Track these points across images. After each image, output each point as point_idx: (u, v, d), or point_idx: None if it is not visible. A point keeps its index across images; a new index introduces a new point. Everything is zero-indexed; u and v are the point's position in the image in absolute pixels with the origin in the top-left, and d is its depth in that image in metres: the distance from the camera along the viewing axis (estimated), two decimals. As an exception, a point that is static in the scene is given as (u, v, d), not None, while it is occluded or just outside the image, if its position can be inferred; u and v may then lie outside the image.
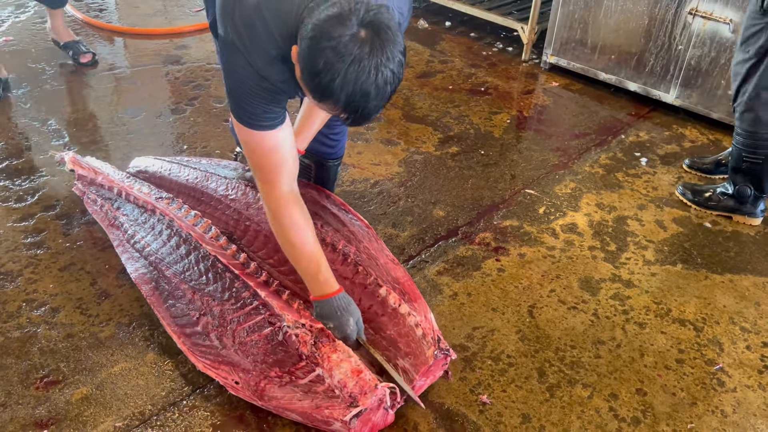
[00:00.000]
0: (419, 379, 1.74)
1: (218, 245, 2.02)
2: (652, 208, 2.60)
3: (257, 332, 1.78)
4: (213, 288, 1.91)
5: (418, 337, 1.78)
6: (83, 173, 2.39)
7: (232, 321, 1.82)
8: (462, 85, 3.50)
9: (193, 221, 2.12)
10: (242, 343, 1.78)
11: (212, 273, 1.95)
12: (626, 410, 1.79)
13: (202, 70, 3.47)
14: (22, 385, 1.77)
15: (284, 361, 1.72)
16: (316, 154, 2.24)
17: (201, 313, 1.87)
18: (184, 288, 1.94)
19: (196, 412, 1.72)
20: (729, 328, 2.07)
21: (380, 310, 1.87)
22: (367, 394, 1.61)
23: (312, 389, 1.66)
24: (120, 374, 1.82)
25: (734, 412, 1.80)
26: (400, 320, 1.83)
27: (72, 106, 3.10)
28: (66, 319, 1.98)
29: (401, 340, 1.80)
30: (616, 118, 3.25)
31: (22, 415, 1.69)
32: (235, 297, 1.87)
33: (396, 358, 1.78)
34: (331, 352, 1.69)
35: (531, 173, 2.79)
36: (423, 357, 1.75)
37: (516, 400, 1.80)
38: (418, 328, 1.79)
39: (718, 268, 2.31)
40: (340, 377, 1.64)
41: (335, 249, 2.01)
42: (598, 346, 1.98)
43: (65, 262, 2.19)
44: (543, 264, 2.29)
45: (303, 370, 1.70)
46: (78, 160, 2.45)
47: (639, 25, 3.20)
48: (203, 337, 1.83)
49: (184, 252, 2.03)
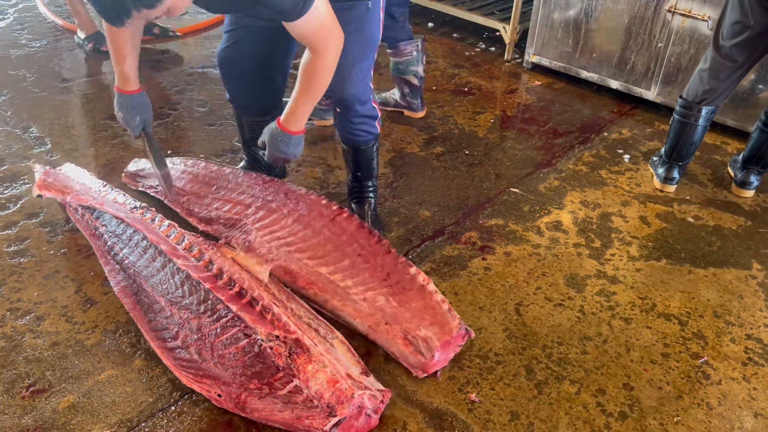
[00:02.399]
0: (442, 349, 1.85)
1: (191, 256, 1.99)
2: (635, 204, 2.63)
3: (234, 345, 1.76)
4: (189, 301, 1.88)
5: (444, 310, 1.93)
6: (51, 196, 2.35)
7: (210, 334, 1.80)
8: (446, 85, 3.51)
9: (166, 232, 2.09)
10: (221, 356, 1.76)
11: (187, 286, 1.91)
12: (613, 405, 1.81)
13: (184, 75, 3.46)
14: (8, 394, 1.75)
15: (262, 373, 1.70)
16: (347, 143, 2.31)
17: (179, 326, 1.85)
18: (162, 301, 1.91)
19: (184, 418, 1.72)
20: (713, 321, 2.10)
21: (408, 285, 2.01)
22: (344, 403, 1.61)
23: (291, 400, 1.65)
24: (107, 381, 1.81)
25: (719, 404, 1.82)
26: (427, 295, 1.98)
27: (54, 112, 3.07)
28: (51, 327, 1.96)
29: (427, 312, 1.94)
30: (598, 116, 3.28)
31: (9, 425, 1.67)
32: (210, 310, 1.84)
33: (419, 327, 1.89)
34: (306, 363, 1.67)
35: (515, 172, 2.80)
36: (447, 327, 1.88)
37: (504, 397, 1.81)
38: (444, 303, 1.95)
39: (702, 263, 2.33)
40: (316, 388, 1.63)
41: (371, 232, 2.16)
42: (584, 342, 2.00)
43: (49, 270, 2.17)
44: (529, 262, 2.30)
45: (281, 381, 1.68)
46: (45, 181, 2.38)
47: (619, 24, 3.23)
48: (183, 350, 1.81)
49: (160, 265, 1.99)
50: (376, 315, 1.95)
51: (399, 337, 1.89)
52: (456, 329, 1.88)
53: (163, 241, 2.01)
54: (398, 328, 1.90)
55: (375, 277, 2.03)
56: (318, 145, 2.91)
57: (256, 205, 2.26)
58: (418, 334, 1.87)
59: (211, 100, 3.24)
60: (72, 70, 3.47)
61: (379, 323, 1.93)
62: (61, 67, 3.49)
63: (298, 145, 2.00)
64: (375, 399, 1.68)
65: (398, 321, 1.92)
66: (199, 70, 3.51)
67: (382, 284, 2.02)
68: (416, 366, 1.85)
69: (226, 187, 2.40)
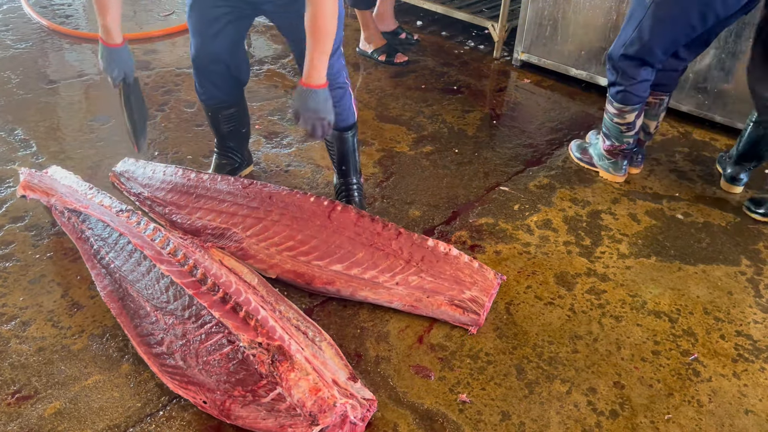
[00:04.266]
0: (489, 301, 2.02)
1: (175, 261, 1.97)
2: (625, 201, 2.63)
3: (218, 351, 1.74)
4: (174, 306, 1.86)
5: (476, 268, 2.08)
6: (35, 197, 2.32)
7: (194, 340, 1.78)
8: (435, 84, 3.50)
9: (151, 235, 2.07)
10: (205, 362, 1.74)
11: (172, 291, 1.90)
12: (604, 404, 1.80)
13: (172, 75, 3.43)
14: (-7, 401, 1.73)
15: (246, 380, 1.69)
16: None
17: (165, 332, 1.83)
18: (148, 307, 1.90)
19: (173, 423, 1.70)
20: (703, 318, 2.10)
21: (434, 257, 2.12)
22: (326, 412, 1.59)
23: (275, 407, 1.64)
24: (94, 387, 1.79)
25: (710, 401, 1.82)
26: (454, 261, 2.11)
27: (39, 114, 3.04)
28: (37, 332, 1.94)
29: (462, 274, 2.07)
30: (587, 113, 3.28)
31: (-6, 433, 1.65)
32: (195, 315, 1.82)
33: (463, 291, 2.01)
34: (288, 371, 1.66)
35: (505, 170, 2.80)
36: (487, 281, 2.06)
37: (495, 397, 1.81)
38: (473, 261, 2.10)
39: (691, 259, 2.34)
40: (298, 396, 1.62)
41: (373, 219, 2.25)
42: (575, 340, 1.99)
43: (35, 274, 2.14)
44: (519, 260, 2.30)
45: (264, 388, 1.66)
46: (29, 182, 2.35)
47: (608, 21, 3.22)
48: (169, 356, 1.79)
49: (145, 269, 1.97)
50: (415, 293, 2.02)
51: (445, 305, 1.99)
52: (494, 280, 2.08)
53: (147, 245, 1.99)
54: (442, 298, 2.01)
55: (399, 260, 2.11)
56: (306, 145, 2.89)
57: (242, 213, 2.25)
58: (465, 297, 2.00)
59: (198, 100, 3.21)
60: (58, 71, 3.44)
61: (421, 299, 2.01)
62: (46, 69, 3.45)
63: (327, 100, 2.00)
64: (359, 408, 1.66)
65: (440, 291, 2.03)
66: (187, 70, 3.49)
67: (410, 265, 2.10)
68: (470, 323, 1.98)
69: (206, 195, 2.36)
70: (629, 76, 2.44)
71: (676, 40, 2.34)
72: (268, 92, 3.33)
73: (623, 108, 2.51)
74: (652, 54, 2.37)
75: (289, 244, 2.13)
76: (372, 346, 1.95)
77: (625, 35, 2.40)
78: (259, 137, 2.94)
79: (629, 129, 2.56)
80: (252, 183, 2.37)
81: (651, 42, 2.33)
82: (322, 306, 2.08)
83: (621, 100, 2.49)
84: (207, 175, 2.45)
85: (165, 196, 2.38)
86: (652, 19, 2.30)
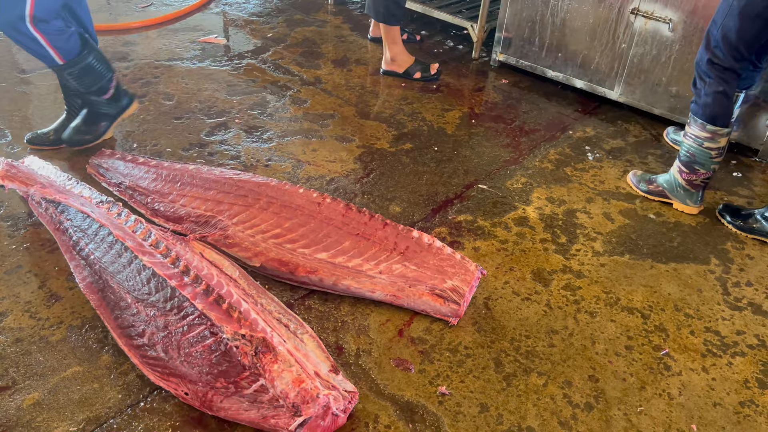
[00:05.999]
0: (469, 293, 2.06)
1: (157, 253, 1.97)
2: (599, 201, 2.69)
3: (200, 343, 1.74)
4: (156, 298, 1.86)
5: (458, 259, 2.14)
6: (13, 187, 2.29)
7: (176, 332, 1.78)
8: (414, 82, 3.53)
9: (132, 227, 2.06)
10: (187, 354, 1.74)
11: (154, 283, 1.89)
12: (579, 396, 1.85)
13: (150, 67, 3.40)
14: (-31, 392, 1.71)
15: (228, 372, 1.69)
16: None
17: (146, 324, 1.83)
18: (129, 298, 1.89)
19: (154, 415, 1.70)
20: (674, 314, 2.16)
21: (418, 248, 2.18)
22: (309, 403, 1.61)
23: (257, 399, 1.65)
24: (73, 378, 1.77)
25: (680, 394, 1.88)
26: (438, 252, 2.16)
27: (13, 104, 2.99)
28: (14, 323, 1.92)
29: (445, 264, 2.12)
30: (563, 115, 3.34)
31: (-30, 424, 1.63)
32: (177, 307, 1.82)
33: (444, 280, 2.06)
34: (272, 363, 1.67)
35: (483, 168, 2.84)
36: (468, 272, 2.11)
37: (474, 390, 1.84)
38: (455, 254, 2.16)
39: (663, 258, 2.40)
40: (282, 387, 1.63)
41: (360, 211, 2.31)
42: (551, 335, 2.04)
43: (11, 265, 2.12)
44: (497, 257, 2.34)
45: (247, 380, 1.67)
46: (8, 172, 2.33)
47: (584, 24, 3.29)
48: (150, 348, 1.79)
49: (126, 261, 1.97)
50: (397, 282, 2.05)
51: (427, 295, 2.02)
52: (475, 272, 2.11)
53: (129, 236, 1.98)
54: (423, 288, 2.04)
55: (385, 250, 2.15)
56: (286, 140, 2.90)
57: (228, 201, 2.25)
58: (446, 287, 2.03)
59: (178, 93, 3.19)
60: (30, 61, 3.38)
61: (403, 288, 2.03)
62: (18, 58, 3.39)
63: None
64: (342, 400, 1.68)
65: (422, 281, 2.06)
66: (165, 63, 3.46)
67: (394, 254, 2.14)
68: (450, 314, 2.02)
69: (192, 183, 2.38)
70: (717, 82, 2.40)
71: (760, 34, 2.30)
72: (247, 86, 3.32)
73: (718, 131, 2.45)
74: (739, 53, 2.34)
75: (275, 232, 2.14)
76: (353, 339, 1.97)
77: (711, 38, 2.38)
78: (240, 131, 2.94)
79: (719, 155, 2.51)
80: (240, 173, 2.38)
81: (737, 40, 2.31)
82: (303, 300, 2.10)
83: (709, 118, 2.44)
84: (192, 165, 2.45)
85: (148, 185, 2.37)
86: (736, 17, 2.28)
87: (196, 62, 3.51)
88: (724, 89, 2.41)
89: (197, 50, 3.64)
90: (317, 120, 3.09)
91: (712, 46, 2.39)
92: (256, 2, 4.36)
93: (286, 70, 3.51)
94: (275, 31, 3.95)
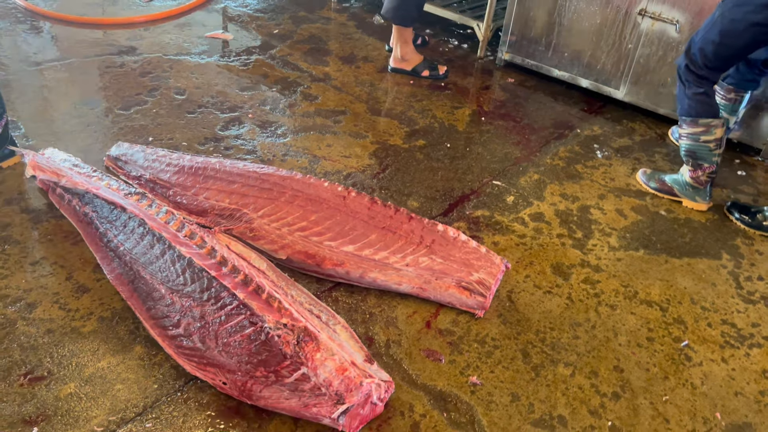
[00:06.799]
0: (494, 285, 2.10)
1: (192, 243, 1.98)
2: (611, 197, 2.74)
3: (239, 333, 1.76)
4: (191, 289, 1.87)
5: (483, 253, 2.18)
6: (45, 177, 2.29)
7: (213, 322, 1.79)
8: (421, 80, 3.56)
9: (165, 218, 2.07)
10: (225, 344, 1.75)
11: (189, 273, 1.90)
12: (606, 386, 1.89)
13: (159, 62, 3.39)
14: (5, 382, 1.70)
15: (269, 361, 1.71)
16: None
17: (181, 314, 1.84)
18: (162, 289, 1.90)
19: (191, 404, 1.71)
20: (691, 307, 2.22)
21: (444, 241, 2.21)
22: (353, 391, 1.63)
23: (298, 387, 1.66)
24: (108, 368, 1.77)
25: (702, 384, 1.94)
26: (463, 245, 2.20)
27: (23, 97, 2.96)
28: (44, 314, 1.91)
29: (471, 257, 2.16)
30: (570, 113, 3.39)
31: (9, 413, 1.63)
32: (214, 297, 1.83)
33: (471, 273, 2.10)
34: (314, 351, 1.69)
35: (496, 165, 2.88)
36: (494, 265, 2.14)
37: (504, 380, 1.88)
38: (481, 247, 2.20)
39: (676, 253, 2.46)
40: (325, 376, 1.65)
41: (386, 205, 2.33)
42: (575, 327, 2.08)
43: (37, 257, 2.11)
44: (516, 251, 2.38)
45: (288, 369, 1.69)
46: (38, 163, 2.32)
47: (591, 25, 3.35)
48: (186, 338, 1.80)
49: (159, 252, 1.98)
50: (424, 275, 2.08)
51: (453, 287, 2.05)
52: (500, 265, 2.15)
53: (163, 228, 1.98)
54: (450, 280, 2.07)
55: (411, 243, 2.18)
56: (300, 135, 2.91)
57: (253, 195, 2.26)
58: (472, 279, 2.07)
59: (189, 87, 3.19)
60: (40, 53, 3.36)
61: (429, 281, 2.06)
62: (28, 50, 3.36)
63: None
64: (380, 388, 1.71)
65: (448, 273, 2.09)
66: (174, 57, 3.45)
67: (420, 247, 2.17)
68: (476, 306, 2.06)
69: (215, 176, 2.38)
70: (695, 85, 2.48)
71: (739, 53, 2.41)
72: (257, 82, 3.33)
73: (711, 122, 2.52)
74: (713, 65, 2.43)
75: (302, 225, 2.16)
76: (382, 331, 1.99)
77: (691, 45, 2.46)
78: (254, 126, 2.94)
79: (718, 146, 2.58)
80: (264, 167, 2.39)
81: (713, 54, 2.40)
82: (330, 292, 2.12)
83: (697, 113, 2.52)
84: (215, 158, 2.46)
85: (170, 178, 2.37)
86: (717, 33, 2.37)
87: (205, 57, 3.50)
88: (704, 90, 2.51)
89: (205, 45, 3.63)
90: (329, 116, 3.10)
91: (691, 53, 2.48)
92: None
93: (294, 66, 3.52)
94: (281, 28, 3.96)
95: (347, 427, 1.62)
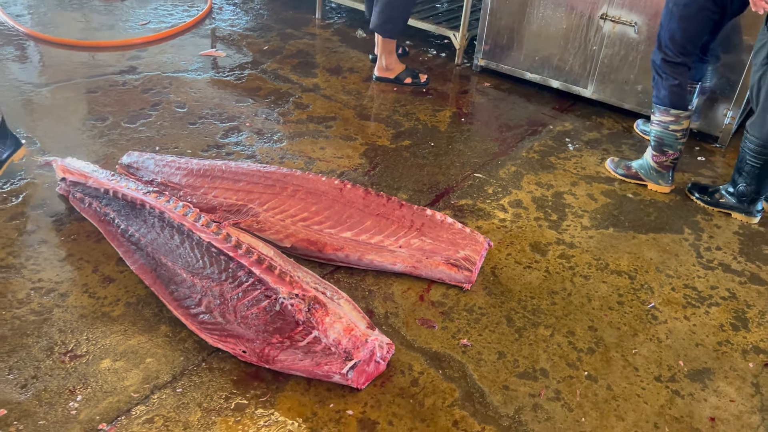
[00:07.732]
0: (479, 261, 2.34)
1: (210, 231, 2.22)
2: (582, 184, 3.00)
3: (256, 306, 2.00)
4: (210, 271, 2.10)
5: (468, 233, 2.44)
6: (74, 179, 2.51)
7: (232, 298, 2.03)
8: (405, 87, 3.82)
9: (183, 211, 2.30)
10: (243, 316, 1.98)
11: (208, 257, 2.13)
12: (582, 343, 2.13)
13: (159, 79, 3.63)
14: (50, 359, 1.91)
15: (283, 328, 1.95)
16: None
17: (202, 294, 2.06)
18: (184, 273, 2.12)
19: (214, 372, 1.92)
20: (656, 275, 2.47)
21: (432, 224, 2.47)
22: (360, 348, 1.86)
23: (311, 349, 1.90)
24: (138, 345, 1.99)
25: (667, 338, 2.18)
26: (449, 227, 2.46)
27: (35, 114, 3.18)
28: (76, 302, 2.12)
29: (457, 237, 2.42)
30: (542, 112, 3.67)
31: (55, 386, 1.83)
32: (231, 276, 2.07)
33: (458, 251, 2.34)
34: (324, 316, 1.93)
35: (477, 160, 3.13)
36: (478, 243, 2.40)
37: (491, 341, 2.11)
38: (465, 228, 2.47)
39: (643, 229, 2.72)
40: (334, 336, 1.88)
41: (378, 195, 2.56)
42: (552, 295, 2.32)
43: (64, 254, 2.32)
44: (498, 233, 2.62)
45: (301, 334, 1.93)
46: (66, 166, 2.56)
47: (558, 30, 3.63)
48: (207, 315, 2.02)
49: (179, 241, 2.21)
50: (416, 255, 2.32)
51: (443, 264, 2.30)
52: (484, 242, 2.41)
53: (182, 218, 2.21)
54: (439, 258, 2.31)
55: (403, 227, 2.43)
56: (296, 140, 3.15)
57: (258, 191, 2.49)
58: (459, 256, 2.31)
59: (189, 101, 3.42)
60: (43, 75, 3.58)
61: (421, 260, 2.30)
62: (33, 73, 3.58)
63: None
64: (383, 348, 1.94)
65: (438, 252, 2.34)
66: (173, 74, 3.69)
67: (411, 230, 2.43)
68: (464, 280, 2.29)
69: (222, 176, 2.61)
70: (672, 76, 2.75)
71: (700, 33, 2.70)
72: (252, 94, 3.57)
73: (680, 114, 2.79)
74: (685, 50, 2.71)
75: (303, 215, 2.39)
76: (380, 305, 2.22)
77: (661, 40, 2.74)
78: (252, 134, 3.18)
79: (684, 135, 2.85)
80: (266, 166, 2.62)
81: (682, 39, 2.68)
82: (331, 274, 2.34)
83: (671, 104, 2.78)
84: (221, 161, 2.69)
85: (180, 180, 2.59)
86: (677, 20, 2.66)
87: (201, 73, 3.74)
88: (679, 81, 2.78)
89: (200, 63, 3.87)
90: (321, 122, 3.35)
91: (663, 47, 2.76)
92: (247, 18, 4.62)
93: (285, 79, 3.77)
94: (270, 44, 4.21)
95: (355, 382, 1.84)
